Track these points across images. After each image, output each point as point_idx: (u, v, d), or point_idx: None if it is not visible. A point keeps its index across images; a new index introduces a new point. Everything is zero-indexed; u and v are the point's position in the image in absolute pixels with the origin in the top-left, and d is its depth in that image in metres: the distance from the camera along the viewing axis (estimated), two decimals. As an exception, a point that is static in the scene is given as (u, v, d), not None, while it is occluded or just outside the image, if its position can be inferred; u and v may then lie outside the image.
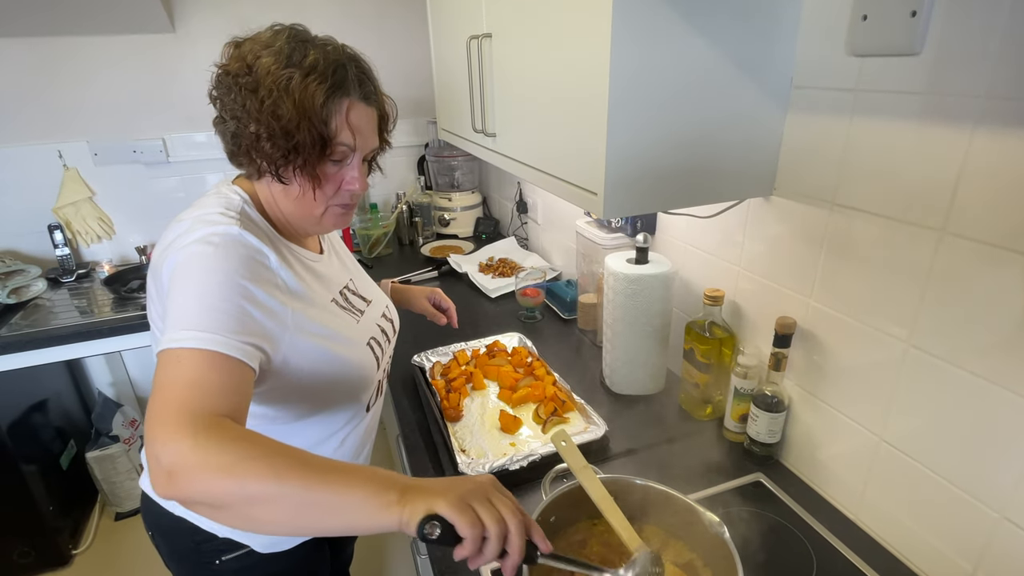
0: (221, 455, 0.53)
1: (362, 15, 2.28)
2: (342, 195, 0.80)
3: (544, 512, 0.76)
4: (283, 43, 0.73)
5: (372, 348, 0.91)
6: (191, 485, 0.53)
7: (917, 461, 0.78)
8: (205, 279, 0.66)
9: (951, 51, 0.65)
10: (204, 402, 0.58)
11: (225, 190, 0.79)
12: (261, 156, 0.73)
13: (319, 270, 0.87)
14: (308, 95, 0.70)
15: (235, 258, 0.68)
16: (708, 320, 1.07)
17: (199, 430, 0.54)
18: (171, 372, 0.60)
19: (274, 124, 0.71)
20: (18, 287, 1.92)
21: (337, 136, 0.74)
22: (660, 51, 0.77)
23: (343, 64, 0.74)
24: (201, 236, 0.68)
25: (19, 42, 1.93)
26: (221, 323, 0.63)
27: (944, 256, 0.70)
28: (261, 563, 0.90)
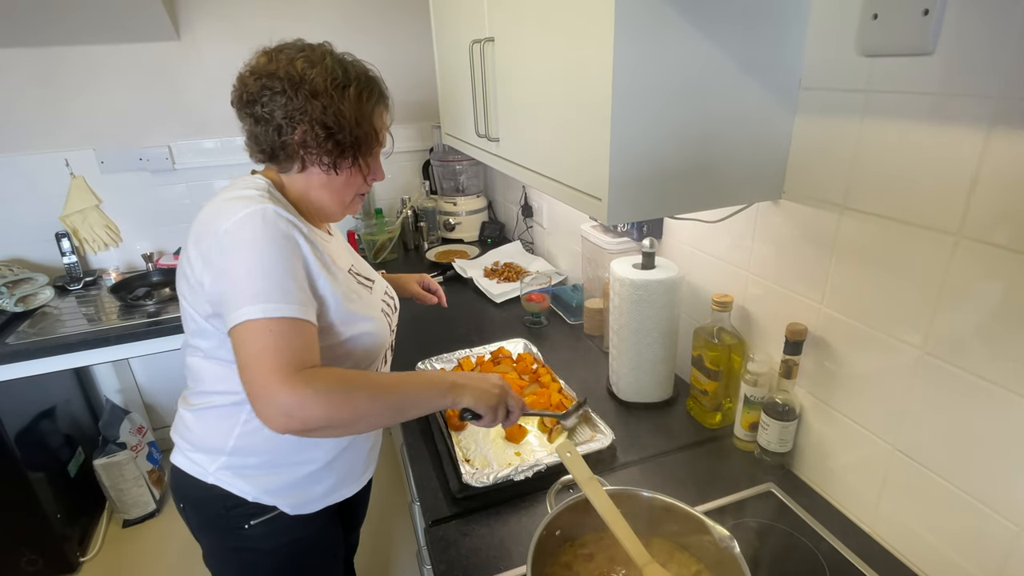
0: (332, 392, 0.71)
1: (365, 21, 2.28)
2: (363, 186, 0.95)
3: (549, 525, 0.74)
4: (331, 60, 0.86)
5: (384, 315, 1.01)
6: (311, 413, 0.70)
7: (933, 472, 0.76)
8: (258, 254, 0.75)
9: (965, 50, 0.63)
10: (298, 358, 0.72)
11: (250, 178, 0.88)
12: (318, 151, 0.86)
13: (331, 249, 0.95)
14: (363, 101, 0.87)
15: (276, 231, 0.78)
16: (717, 326, 1.05)
17: (308, 379, 0.71)
18: (262, 339, 0.72)
19: (337, 123, 0.84)
20: (26, 295, 1.93)
21: (380, 134, 0.92)
22: (663, 53, 0.75)
23: (376, 79, 0.92)
24: (242, 216, 0.76)
25: (27, 52, 1.95)
26: (285, 292, 0.75)
27: (960, 261, 0.68)
28: (288, 526, 0.96)
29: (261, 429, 0.88)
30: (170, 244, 2.31)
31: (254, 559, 0.97)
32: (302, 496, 0.96)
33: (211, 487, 0.91)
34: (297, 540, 0.98)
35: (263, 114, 0.85)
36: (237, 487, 0.91)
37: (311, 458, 0.94)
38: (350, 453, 1.00)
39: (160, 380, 2.48)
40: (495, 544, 0.87)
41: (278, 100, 0.83)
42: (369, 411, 0.74)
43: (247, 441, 0.90)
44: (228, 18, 2.11)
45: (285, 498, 0.94)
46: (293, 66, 0.83)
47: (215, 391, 0.89)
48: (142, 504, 2.18)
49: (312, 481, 0.96)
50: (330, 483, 0.98)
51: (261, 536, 0.95)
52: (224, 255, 0.76)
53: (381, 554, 2.02)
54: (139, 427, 2.24)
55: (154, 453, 2.28)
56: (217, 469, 0.91)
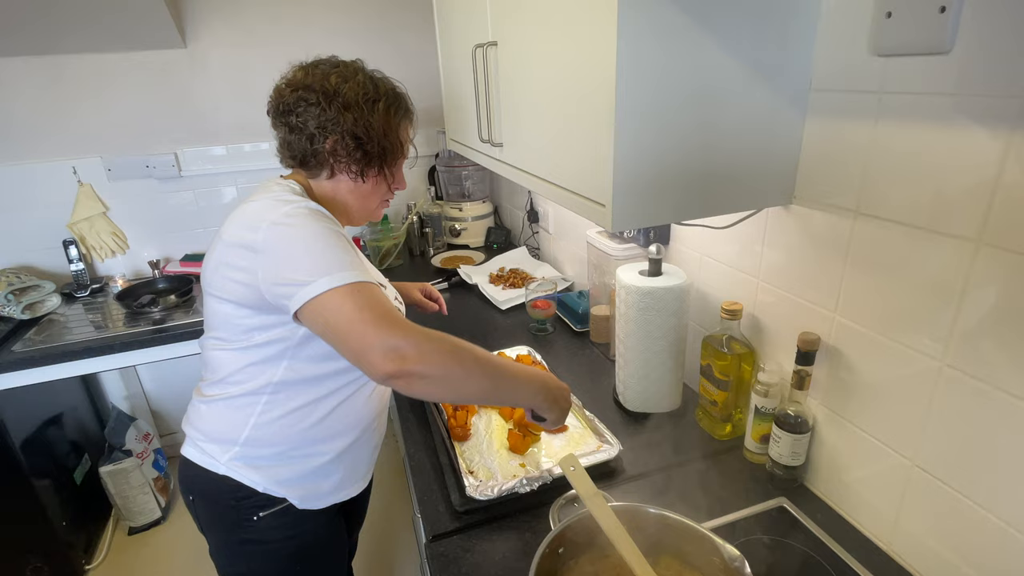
0: (445, 343, 0.77)
1: (369, 27, 2.28)
2: (388, 192, 1.02)
3: (552, 543, 0.72)
4: (363, 76, 0.94)
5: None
6: (428, 356, 0.74)
7: (955, 489, 0.72)
8: (314, 235, 0.80)
9: (984, 48, 0.60)
10: (395, 313, 0.77)
11: (283, 182, 0.92)
12: (348, 160, 0.92)
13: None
14: (391, 115, 0.94)
15: (322, 219, 0.83)
16: (726, 335, 1.02)
17: (418, 328, 0.76)
18: (354, 300, 0.75)
19: (367, 134, 0.91)
20: (33, 303, 1.94)
21: (404, 146, 0.99)
22: (668, 56, 0.73)
23: (404, 96, 0.99)
24: (288, 210, 0.82)
25: (35, 61, 1.96)
26: (353, 264, 0.79)
27: (981, 268, 0.65)
28: (296, 519, 0.97)
29: (277, 420, 0.91)
30: (176, 251, 2.31)
31: (261, 552, 0.98)
32: (311, 489, 0.97)
33: (222, 478, 0.93)
34: (304, 534, 1.00)
35: (297, 124, 0.90)
36: (248, 477, 0.93)
37: (321, 450, 0.96)
38: (357, 449, 1.02)
39: (167, 387, 2.47)
40: (497, 561, 0.85)
41: (312, 111, 0.89)
42: (474, 374, 0.78)
43: (262, 432, 0.92)
44: (234, 26, 2.12)
45: (294, 490, 0.96)
46: (327, 80, 0.90)
47: (234, 381, 0.91)
48: (148, 512, 2.18)
49: (321, 474, 0.97)
50: (337, 478, 1.00)
51: (269, 528, 0.96)
52: (280, 241, 0.80)
53: (385, 566, 2.00)
54: (145, 434, 2.24)
55: (160, 460, 2.27)
56: (229, 459, 0.93)
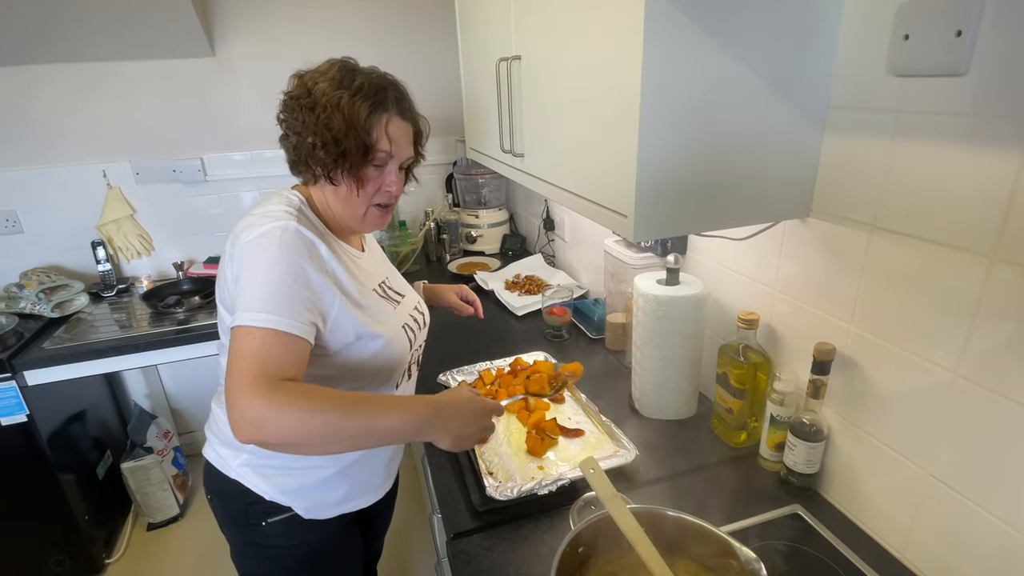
0: (293, 407, 0.70)
1: (394, 38, 2.33)
2: (381, 195, 0.93)
3: (572, 542, 0.74)
4: (336, 72, 0.88)
5: (406, 331, 1.02)
6: (274, 431, 0.70)
7: (969, 499, 0.74)
8: (269, 267, 0.79)
9: (999, 71, 0.63)
10: (275, 369, 0.74)
11: (286, 193, 0.93)
12: (316, 162, 0.88)
13: (361, 264, 0.99)
14: (355, 110, 0.85)
15: (293, 248, 0.81)
16: (742, 344, 1.04)
17: (275, 390, 0.71)
18: (248, 345, 0.74)
19: (327, 134, 0.85)
20: (62, 301, 2.00)
21: (377, 144, 0.88)
22: (692, 72, 0.76)
23: (384, 87, 0.89)
24: (265, 230, 0.81)
25: (68, 68, 2.03)
26: (284, 306, 0.78)
27: (995, 283, 0.67)
28: (302, 528, 0.99)
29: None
30: (200, 253, 2.37)
31: (271, 557, 1.01)
32: (315, 500, 0.99)
33: (233, 482, 0.97)
34: (311, 543, 1.02)
35: (284, 132, 0.91)
36: (256, 484, 0.96)
37: (322, 463, 0.98)
38: (365, 464, 1.03)
39: (187, 386, 2.53)
40: (516, 560, 0.87)
41: (290, 117, 0.89)
42: (329, 435, 0.72)
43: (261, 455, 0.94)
44: (261, 35, 2.18)
45: (299, 500, 0.98)
46: (304, 83, 0.88)
47: None
48: (166, 508, 2.22)
49: (325, 487, 0.99)
50: (344, 491, 1.02)
51: (277, 535, 0.99)
52: (245, 261, 0.80)
53: (399, 564, 2.02)
54: (165, 432, 2.29)
55: (179, 458, 2.32)
56: (239, 465, 0.96)
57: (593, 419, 1.17)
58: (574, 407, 1.23)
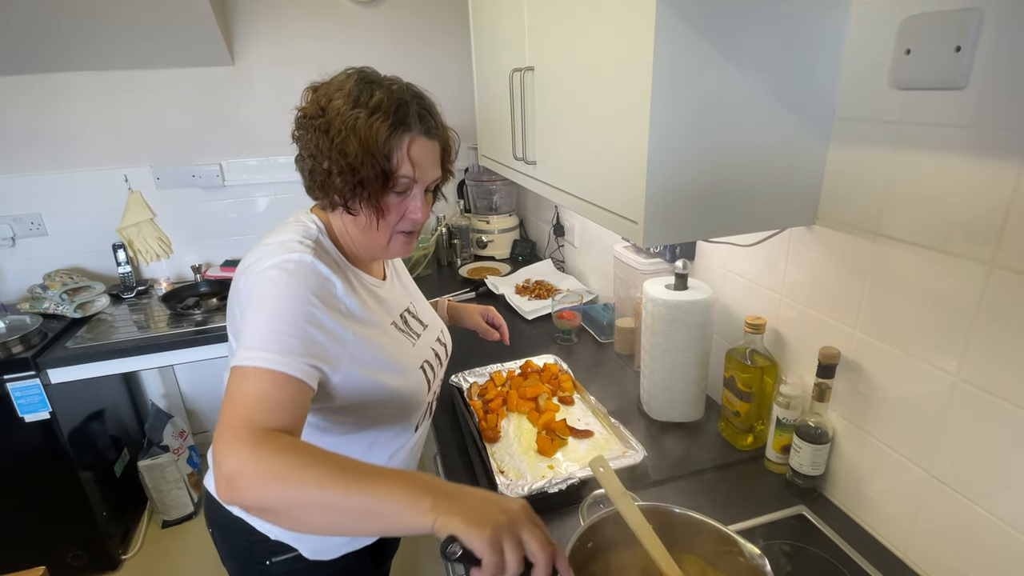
0: (272, 464, 0.59)
1: (410, 46, 2.39)
2: (405, 223, 0.85)
3: (582, 538, 0.76)
4: (352, 85, 0.79)
5: (424, 371, 0.96)
6: (248, 492, 0.59)
7: (971, 500, 0.76)
8: (277, 303, 0.73)
9: (998, 85, 0.65)
10: (265, 416, 0.65)
11: (304, 219, 0.87)
12: (332, 190, 0.80)
13: (381, 295, 0.93)
14: (372, 133, 0.76)
15: (305, 285, 0.75)
16: (749, 348, 1.06)
17: (257, 441, 0.61)
18: (239, 387, 0.67)
19: (342, 161, 0.77)
20: (84, 302, 2.05)
21: (399, 170, 0.80)
22: (701, 83, 0.79)
23: (406, 102, 0.80)
24: (278, 262, 0.76)
25: (92, 75, 2.10)
26: (286, 345, 0.70)
27: (993, 289, 0.69)
28: (308, 568, 0.95)
29: None
30: (217, 256, 2.42)
31: None
32: (321, 542, 0.95)
33: (236, 518, 0.92)
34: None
35: (299, 152, 0.84)
36: (259, 523, 0.91)
37: None
38: None
39: (202, 387, 2.58)
40: (528, 555, 0.90)
41: (304, 138, 0.82)
42: (307, 502, 0.57)
43: None
44: (279, 44, 2.24)
45: (304, 542, 0.94)
46: (318, 99, 0.80)
47: None
48: (181, 506, 2.26)
49: None
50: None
51: (283, 574, 0.95)
52: (253, 294, 0.75)
53: (409, 562, 2.04)
54: (181, 431, 2.33)
55: (194, 457, 2.36)
56: None
57: (602, 420, 1.20)
58: (583, 409, 1.26)
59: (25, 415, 1.78)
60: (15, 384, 1.74)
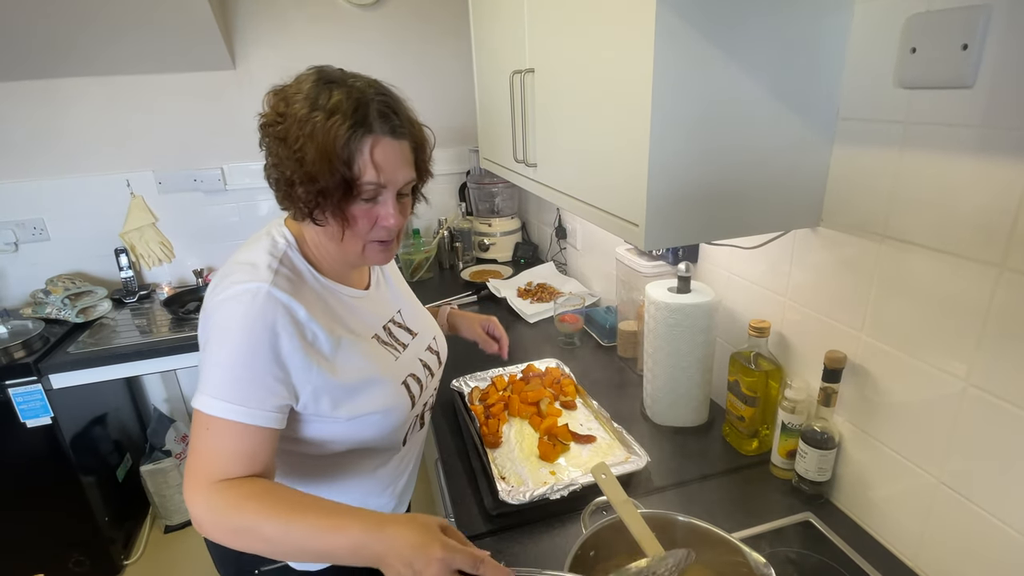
0: (226, 519, 0.68)
1: (409, 49, 2.38)
2: (378, 231, 0.80)
3: (584, 545, 0.75)
4: (310, 87, 0.74)
5: (408, 386, 0.92)
6: (210, 535, 0.70)
7: (981, 507, 0.74)
8: (233, 345, 0.72)
9: (1007, 83, 0.64)
10: (225, 468, 0.70)
11: (275, 232, 0.84)
12: (296, 201, 0.76)
13: (361, 307, 0.90)
14: (329, 138, 0.71)
15: (262, 320, 0.73)
16: (754, 352, 1.05)
17: (212, 493, 0.69)
18: (201, 436, 0.71)
19: (300, 170, 0.73)
20: (86, 307, 2.05)
21: (362, 176, 0.74)
22: (702, 83, 0.78)
23: (366, 101, 0.74)
24: (235, 293, 0.74)
25: (95, 80, 2.10)
26: (246, 394, 0.71)
27: (1003, 292, 0.67)
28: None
29: None
30: (219, 261, 2.42)
31: None
32: None
33: None
34: None
35: (266, 162, 0.79)
36: None
37: None
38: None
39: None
40: (529, 562, 0.88)
41: (268, 146, 0.78)
42: (261, 550, 0.69)
43: None
44: (280, 47, 2.24)
45: None
46: (277, 105, 0.76)
47: None
48: (183, 511, 2.26)
49: None
50: None
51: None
52: (211, 330, 0.73)
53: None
54: (183, 436, 2.33)
55: (196, 462, 2.35)
56: None
57: (605, 426, 1.18)
58: (586, 414, 1.24)
59: (27, 420, 1.77)
60: (17, 389, 1.74)
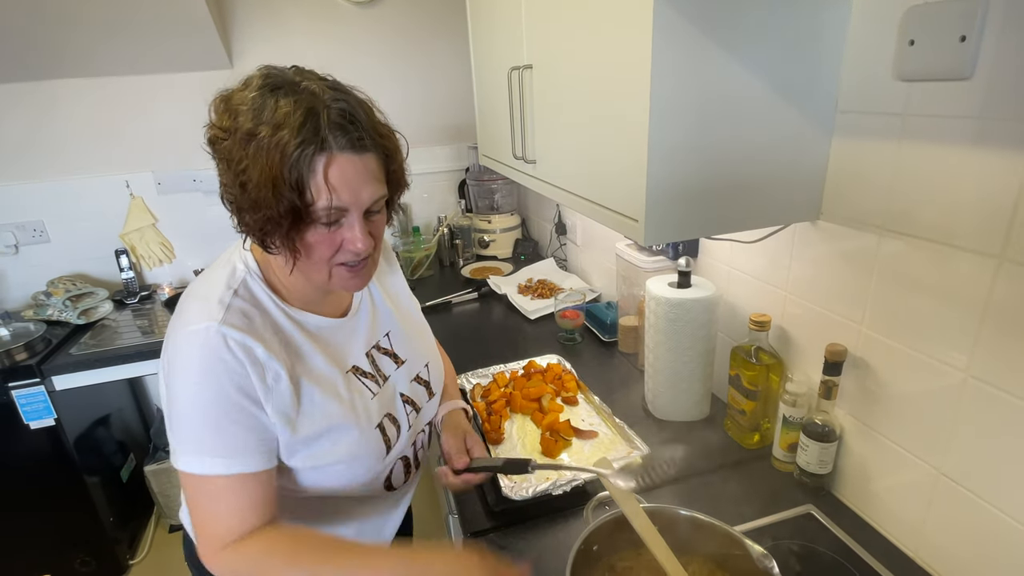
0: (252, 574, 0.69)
1: (409, 45, 2.36)
2: (344, 254, 0.70)
3: (586, 540, 0.76)
4: (255, 95, 0.63)
5: (383, 429, 0.83)
6: None
7: (981, 498, 0.74)
8: (197, 392, 0.66)
9: (1004, 75, 0.64)
10: (233, 526, 0.68)
11: (236, 257, 0.76)
12: (245, 227, 0.67)
13: (334, 338, 0.80)
14: (274, 159, 0.61)
15: (217, 367, 0.66)
16: (754, 345, 1.05)
17: (231, 560, 0.68)
18: (198, 500, 0.69)
19: (243, 197, 0.63)
20: (87, 308, 2.06)
21: (315, 202, 0.64)
22: (700, 78, 0.78)
23: (316, 111, 0.62)
24: (186, 335, 0.67)
25: (93, 81, 2.09)
26: (228, 441, 0.68)
27: (1003, 284, 0.67)
28: None
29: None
30: (219, 260, 2.42)
31: None
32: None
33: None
34: None
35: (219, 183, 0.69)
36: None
37: None
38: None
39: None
40: (532, 557, 0.89)
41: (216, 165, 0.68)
42: None
43: None
44: (277, 46, 2.23)
45: None
46: (222, 117, 0.66)
47: None
48: (187, 510, 2.26)
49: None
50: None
51: None
52: (166, 380, 0.69)
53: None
54: (186, 436, 2.33)
55: (199, 461, 2.36)
56: None
57: (606, 421, 1.19)
58: (588, 409, 1.25)
59: (30, 422, 1.78)
60: (20, 391, 1.74)
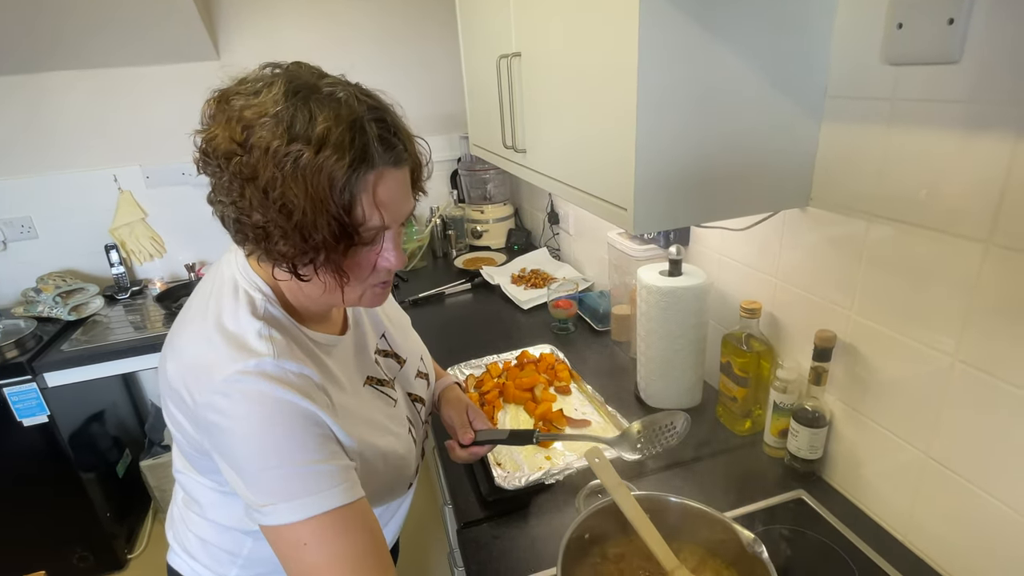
0: None
1: (396, 36, 2.34)
2: (379, 273, 0.68)
3: (578, 528, 0.76)
4: (282, 106, 0.56)
5: (412, 432, 0.84)
6: None
7: (968, 481, 0.75)
8: (273, 446, 0.60)
9: (992, 58, 0.63)
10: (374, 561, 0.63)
11: (242, 282, 0.68)
12: (275, 254, 0.60)
13: (344, 355, 0.78)
14: (322, 181, 0.55)
15: (288, 407, 0.61)
16: (745, 333, 1.05)
17: None
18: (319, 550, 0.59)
19: (285, 223, 0.57)
20: (78, 304, 2.04)
21: (366, 222, 0.60)
22: (688, 64, 0.77)
23: (362, 125, 0.58)
24: (239, 390, 0.59)
25: (77, 74, 2.06)
26: (323, 476, 0.61)
27: (990, 268, 0.68)
28: None
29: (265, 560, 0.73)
30: (211, 254, 2.41)
31: None
32: None
33: None
34: None
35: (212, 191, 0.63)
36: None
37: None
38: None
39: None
40: (526, 546, 0.90)
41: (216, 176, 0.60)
42: None
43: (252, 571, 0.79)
44: (264, 36, 2.20)
45: None
46: (232, 127, 0.57)
47: (213, 519, 0.77)
48: (184, 504, 2.27)
49: None
50: None
51: None
52: (226, 439, 0.60)
53: (414, 555, 2.05)
54: (181, 430, 2.33)
55: (195, 455, 2.36)
56: None
57: (599, 409, 1.19)
58: (580, 398, 1.25)
59: (23, 419, 1.77)
60: (12, 389, 1.73)
